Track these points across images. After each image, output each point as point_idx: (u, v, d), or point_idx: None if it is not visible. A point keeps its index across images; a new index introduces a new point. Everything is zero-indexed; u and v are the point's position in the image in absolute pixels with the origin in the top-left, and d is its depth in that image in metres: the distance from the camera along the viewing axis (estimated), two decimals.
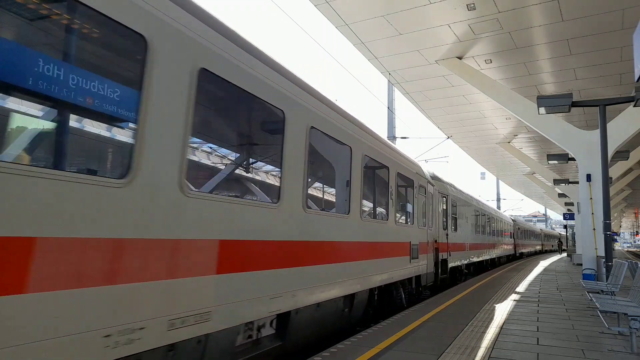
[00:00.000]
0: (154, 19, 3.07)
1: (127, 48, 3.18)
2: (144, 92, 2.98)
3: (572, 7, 11.34)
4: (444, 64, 14.93)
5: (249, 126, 5.18)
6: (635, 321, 4.90)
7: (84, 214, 2.54)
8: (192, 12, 3.49)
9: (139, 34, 2.95)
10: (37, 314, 2.30)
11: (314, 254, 5.20)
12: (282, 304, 4.53)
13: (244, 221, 3.97)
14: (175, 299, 3.16)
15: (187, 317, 3.26)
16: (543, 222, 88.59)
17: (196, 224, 3.39)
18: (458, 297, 9.41)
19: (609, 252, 10.47)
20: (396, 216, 8.27)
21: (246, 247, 3.98)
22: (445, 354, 4.69)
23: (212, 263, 3.55)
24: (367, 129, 7.16)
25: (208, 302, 3.49)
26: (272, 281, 4.35)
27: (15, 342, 2.20)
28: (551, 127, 14.47)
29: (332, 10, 12.02)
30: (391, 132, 21.72)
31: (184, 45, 3.32)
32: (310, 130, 5.16)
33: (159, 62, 3.10)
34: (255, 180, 5.63)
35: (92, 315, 2.59)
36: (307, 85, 5.30)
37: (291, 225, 4.74)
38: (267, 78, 4.38)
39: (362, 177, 6.65)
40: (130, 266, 2.84)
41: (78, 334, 2.51)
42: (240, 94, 4.10)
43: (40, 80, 2.44)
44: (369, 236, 6.86)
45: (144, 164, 2.96)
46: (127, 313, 2.79)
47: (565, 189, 27.03)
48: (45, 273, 2.34)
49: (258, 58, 4.29)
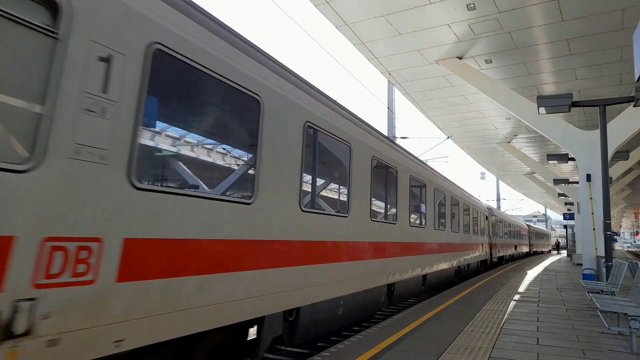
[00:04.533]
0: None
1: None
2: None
3: (572, 7, 11.34)
4: (444, 64, 14.93)
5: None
6: (635, 321, 4.90)
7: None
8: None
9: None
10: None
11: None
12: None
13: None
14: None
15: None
16: (543, 222, 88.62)
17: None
18: (458, 297, 9.40)
19: (609, 252, 10.47)
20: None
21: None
22: (445, 354, 4.69)
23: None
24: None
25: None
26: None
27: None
28: (551, 127, 14.48)
29: (332, 10, 12.02)
30: (391, 132, 21.73)
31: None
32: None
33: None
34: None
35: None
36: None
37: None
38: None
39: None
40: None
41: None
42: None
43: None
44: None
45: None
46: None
47: (565, 189, 27.04)
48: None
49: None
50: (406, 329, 5.96)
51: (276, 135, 4.49)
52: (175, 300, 3.16)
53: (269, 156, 4.35)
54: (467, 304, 8.34)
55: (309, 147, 5.17)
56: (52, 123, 2.44)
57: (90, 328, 2.58)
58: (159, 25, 3.15)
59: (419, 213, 9.68)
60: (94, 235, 2.63)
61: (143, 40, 3.01)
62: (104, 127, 2.72)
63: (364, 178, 6.54)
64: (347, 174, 6.11)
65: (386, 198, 7.81)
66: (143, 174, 4.27)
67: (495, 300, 8.99)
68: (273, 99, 4.46)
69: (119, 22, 2.84)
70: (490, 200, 49.45)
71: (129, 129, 2.89)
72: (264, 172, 4.26)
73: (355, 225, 6.15)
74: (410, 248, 8.62)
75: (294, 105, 4.87)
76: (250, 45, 4.35)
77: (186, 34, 3.40)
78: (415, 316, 6.96)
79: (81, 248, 2.56)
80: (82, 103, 2.59)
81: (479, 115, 21.08)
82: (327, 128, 5.56)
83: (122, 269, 2.78)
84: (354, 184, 6.21)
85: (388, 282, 7.40)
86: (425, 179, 9.93)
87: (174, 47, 3.26)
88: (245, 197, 4.09)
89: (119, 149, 2.80)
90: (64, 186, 2.48)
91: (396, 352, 4.76)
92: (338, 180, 6.89)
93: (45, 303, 2.35)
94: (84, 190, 2.58)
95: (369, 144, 6.79)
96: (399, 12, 12.00)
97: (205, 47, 3.58)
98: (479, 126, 22.81)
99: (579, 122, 19.88)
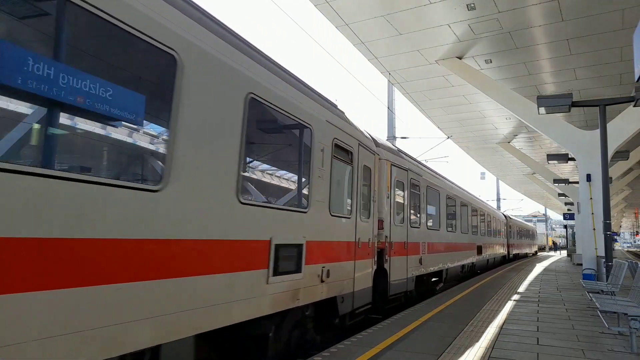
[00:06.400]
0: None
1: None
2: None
3: (572, 7, 11.34)
4: (444, 64, 14.93)
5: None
6: (635, 321, 4.90)
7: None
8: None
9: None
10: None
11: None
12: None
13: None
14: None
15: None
16: (543, 222, 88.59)
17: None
18: (458, 297, 9.40)
19: (609, 252, 10.47)
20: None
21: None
22: (445, 354, 4.69)
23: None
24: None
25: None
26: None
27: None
28: (551, 127, 14.48)
29: (332, 10, 12.02)
30: (391, 132, 21.72)
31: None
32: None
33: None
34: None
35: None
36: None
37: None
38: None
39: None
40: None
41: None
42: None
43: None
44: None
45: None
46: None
47: (565, 189, 27.03)
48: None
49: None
50: (406, 329, 5.96)
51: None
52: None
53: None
54: (467, 304, 8.34)
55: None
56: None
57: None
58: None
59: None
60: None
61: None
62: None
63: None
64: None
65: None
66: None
67: (495, 300, 8.99)
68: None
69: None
70: (490, 200, 49.49)
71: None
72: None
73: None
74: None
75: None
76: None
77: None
78: (415, 316, 6.96)
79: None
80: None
81: (479, 115, 21.07)
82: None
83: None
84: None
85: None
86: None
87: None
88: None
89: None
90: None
91: (396, 352, 4.76)
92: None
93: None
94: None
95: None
96: (399, 12, 12.00)
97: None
98: (479, 126, 22.80)
99: (579, 122, 19.87)
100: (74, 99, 2.65)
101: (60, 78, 2.57)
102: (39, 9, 2.68)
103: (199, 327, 3.41)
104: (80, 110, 2.77)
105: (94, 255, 2.61)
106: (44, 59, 2.48)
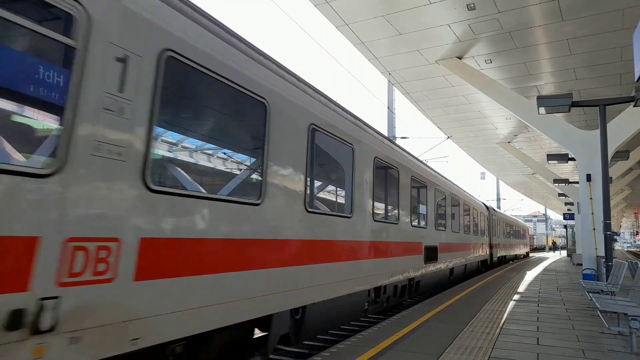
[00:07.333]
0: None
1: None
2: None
3: (572, 7, 11.34)
4: (444, 64, 14.93)
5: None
6: (635, 321, 4.90)
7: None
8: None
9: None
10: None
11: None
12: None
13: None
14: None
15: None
16: (543, 222, 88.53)
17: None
18: (458, 297, 9.41)
19: (609, 252, 10.46)
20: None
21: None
22: (445, 354, 4.69)
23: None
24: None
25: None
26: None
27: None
28: (551, 127, 14.47)
29: (332, 10, 12.02)
30: (391, 132, 21.72)
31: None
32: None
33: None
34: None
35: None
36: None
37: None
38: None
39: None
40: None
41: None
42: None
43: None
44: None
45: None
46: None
47: (565, 189, 27.03)
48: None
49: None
50: (406, 329, 5.96)
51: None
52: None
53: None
54: (467, 304, 8.34)
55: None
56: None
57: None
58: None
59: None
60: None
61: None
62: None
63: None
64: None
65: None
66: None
67: (495, 300, 8.99)
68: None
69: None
70: (490, 200, 49.55)
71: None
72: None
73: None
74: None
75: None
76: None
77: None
78: (415, 316, 6.96)
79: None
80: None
81: (479, 115, 21.08)
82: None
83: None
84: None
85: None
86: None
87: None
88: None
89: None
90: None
91: (396, 352, 4.76)
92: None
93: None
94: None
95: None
96: (399, 12, 12.00)
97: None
98: (479, 126, 22.80)
99: (579, 122, 19.87)
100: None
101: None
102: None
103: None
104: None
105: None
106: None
